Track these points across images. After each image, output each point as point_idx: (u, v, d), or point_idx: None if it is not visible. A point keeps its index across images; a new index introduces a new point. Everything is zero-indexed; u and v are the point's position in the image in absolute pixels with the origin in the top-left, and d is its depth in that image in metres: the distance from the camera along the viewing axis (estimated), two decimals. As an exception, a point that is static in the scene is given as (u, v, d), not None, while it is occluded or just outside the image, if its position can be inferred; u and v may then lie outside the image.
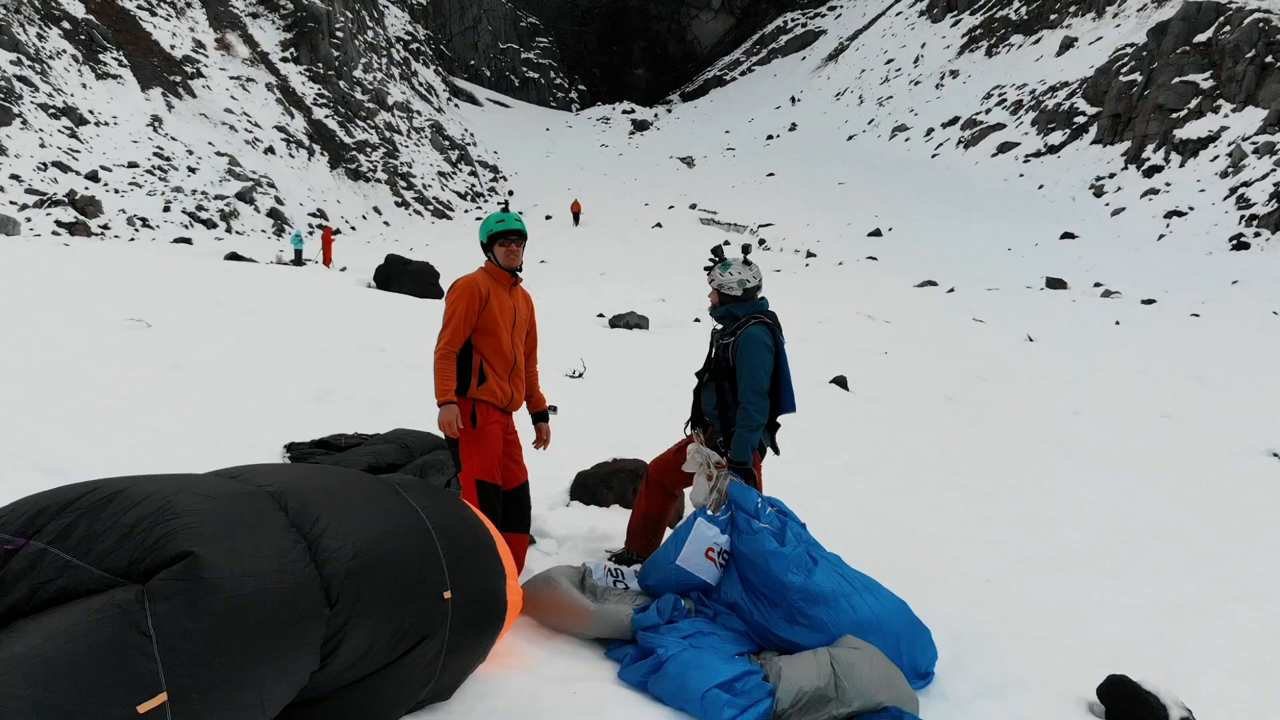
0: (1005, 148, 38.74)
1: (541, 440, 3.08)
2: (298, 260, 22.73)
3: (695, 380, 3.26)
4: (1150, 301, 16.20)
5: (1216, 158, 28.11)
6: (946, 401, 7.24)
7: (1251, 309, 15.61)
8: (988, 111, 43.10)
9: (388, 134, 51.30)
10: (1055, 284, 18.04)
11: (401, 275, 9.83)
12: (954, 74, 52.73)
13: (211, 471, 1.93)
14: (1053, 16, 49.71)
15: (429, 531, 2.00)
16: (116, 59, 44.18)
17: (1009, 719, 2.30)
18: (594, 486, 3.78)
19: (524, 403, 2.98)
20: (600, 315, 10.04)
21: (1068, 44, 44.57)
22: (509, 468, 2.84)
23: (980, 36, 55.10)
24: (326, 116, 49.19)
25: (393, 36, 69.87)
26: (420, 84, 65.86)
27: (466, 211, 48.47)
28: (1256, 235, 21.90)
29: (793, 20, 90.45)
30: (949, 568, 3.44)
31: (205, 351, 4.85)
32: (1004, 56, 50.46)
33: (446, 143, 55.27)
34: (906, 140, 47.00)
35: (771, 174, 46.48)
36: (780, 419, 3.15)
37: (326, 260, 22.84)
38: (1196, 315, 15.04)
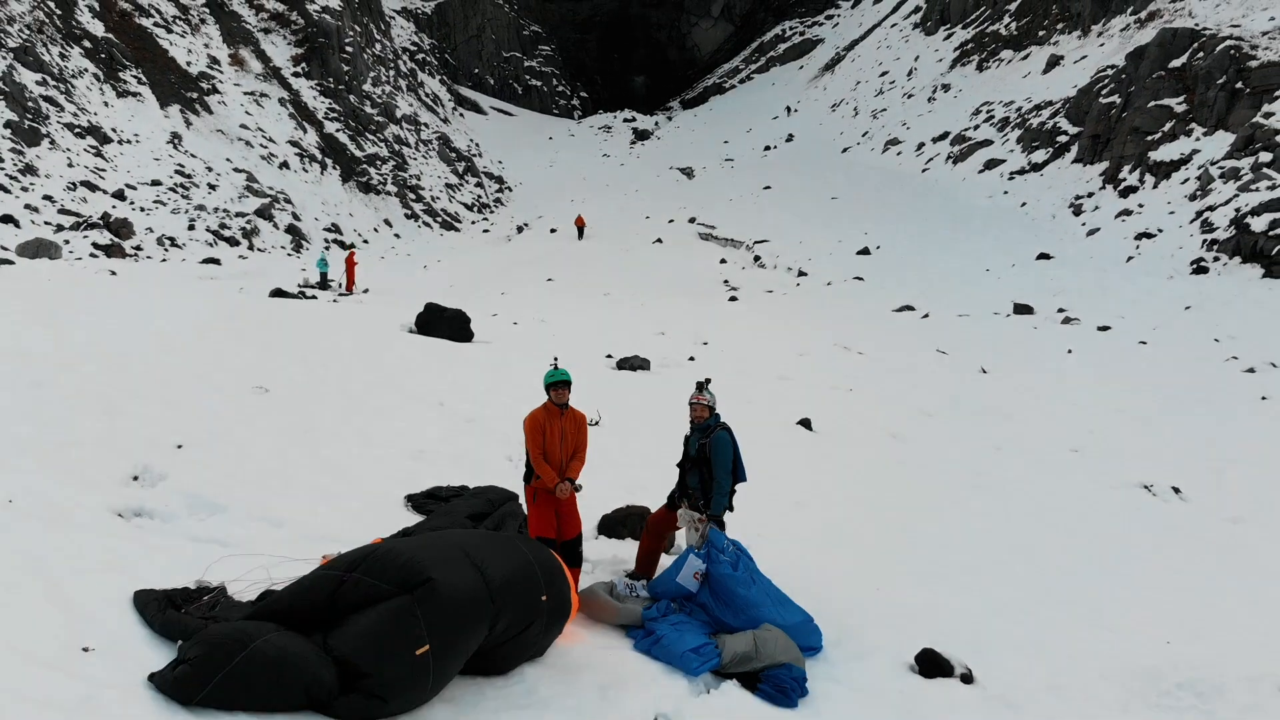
0: (991, 164, 40.33)
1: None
2: (323, 283, 24.41)
3: (681, 456, 4.90)
4: (1105, 328, 17.83)
5: (1186, 180, 29.72)
6: (891, 440, 8.88)
7: (1196, 336, 17.22)
8: (976, 128, 44.69)
9: (397, 147, 53.01)
10: (1022, 309, 19.68)
11: (439, 321, 11.46)
12: (945, 88, 54.28)
13: (425, 533, 3.59)
14: (1041, 33, 51.23)
15: (533, 564, 3.65)
16: (136, 77, 45.69)
17: (862, 673, 3.94)
18: (614, 525, 5.41)
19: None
20: (609, 356, 11.65)
21: (1054, 62, 46.14)
22: (565, 525, 4.46)
23: (972, 51, 56.58)
24: (338, 130, 50.90)
25: (399, 47, 71.50)
26: (427, 95, 67.54)
27: (474, 223, 50.16)
28: (1215, 260, 23.52)
29: (791, 29, 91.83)
30: (851, 580, 5.06)
31: (321, 415, 6.48)
32: (994, 71, 51.99)
33: (453, 154, 56.99)
34: (898, 154, 48.56)
35: (768, 187, 48.11)
36: (738, 486, 4.77)
37: (349, 284, 24.47)
38: (1144, 343, 16.67)
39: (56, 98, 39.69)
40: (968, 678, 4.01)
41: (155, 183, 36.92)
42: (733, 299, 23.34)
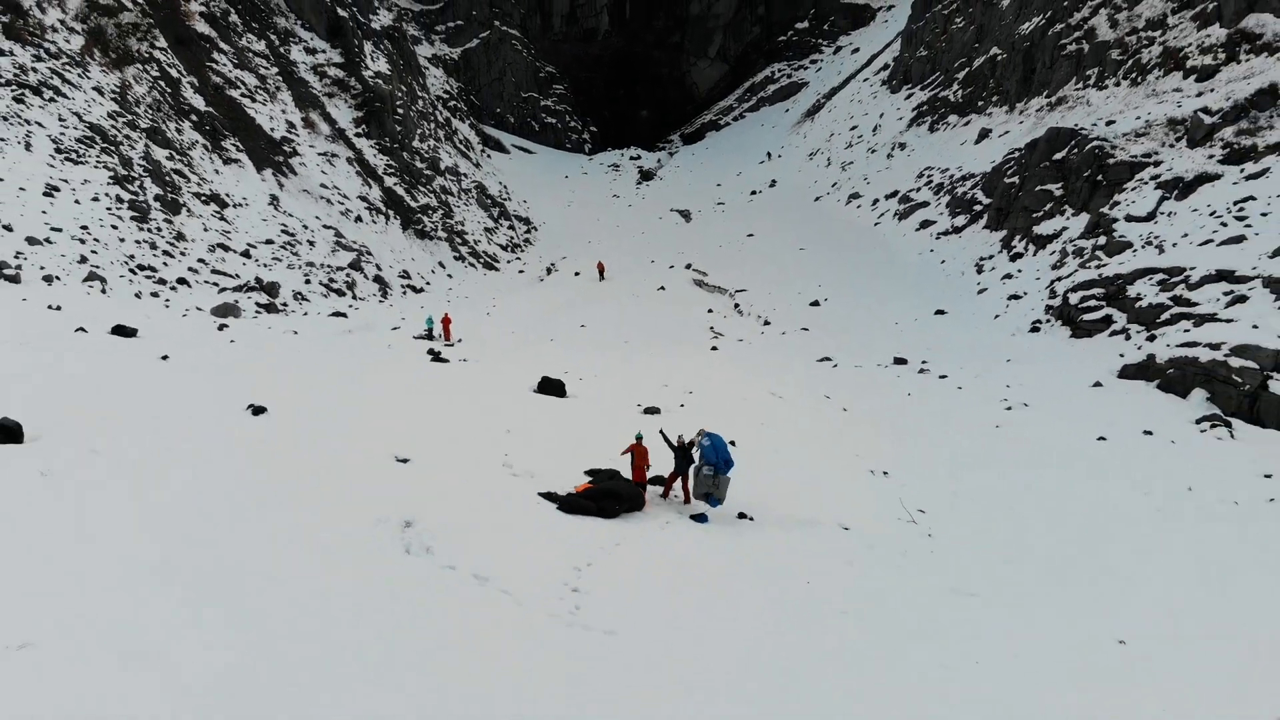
0: (925, 224, 50.66)
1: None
2: (429, 335, 34.70)
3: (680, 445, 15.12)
4: (944, 376, 28.13)
5: (1054, 253, 40.03)
6: (773, 452, 19.01)
7: (998, 383, 27.46)
8: (918, 190, 54.99)
9: (444, 196, 63.18)
10: (899, 361, 29.91)
11: (549, 386, 21.71)
12: (901, 146, 64.54)
13: (606, 480, 13.92)
14: (980, 102, 61.47)
15: (637, 490, 13.95)
16: (234, 144, 55.92)
17: (728, 517, 14.12)
18: (651, 481, 15.65)
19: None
20: (639, 405, 21.92)
21: (984, 134, 56.43)
22: (642, 477, 14.63)
23: (926, 112, 66.81)
24: (395, 184, 61.23)
25: (434, 97, 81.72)
26: (460, 141, 77.77)
27: (509, 263, 60.42)
28: (1046, 322, 33.81)
29: (779, 71, 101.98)
30: (732, 494, 15.22)
31: (538, 440, 16.65)
32: (941, 134, 62.26)
33: (489, 200, 67.28)
34: (858, 208, 58.85)
35: (751, 234, 58.41)
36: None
37: (447, 335, 34.74)
38: (961, 388, 26.99)
39: (183, 170, 49.88)
40: (751, 519, 14.15)
41: (268, 242, 47.18)
42: (714, 348, 33.65)
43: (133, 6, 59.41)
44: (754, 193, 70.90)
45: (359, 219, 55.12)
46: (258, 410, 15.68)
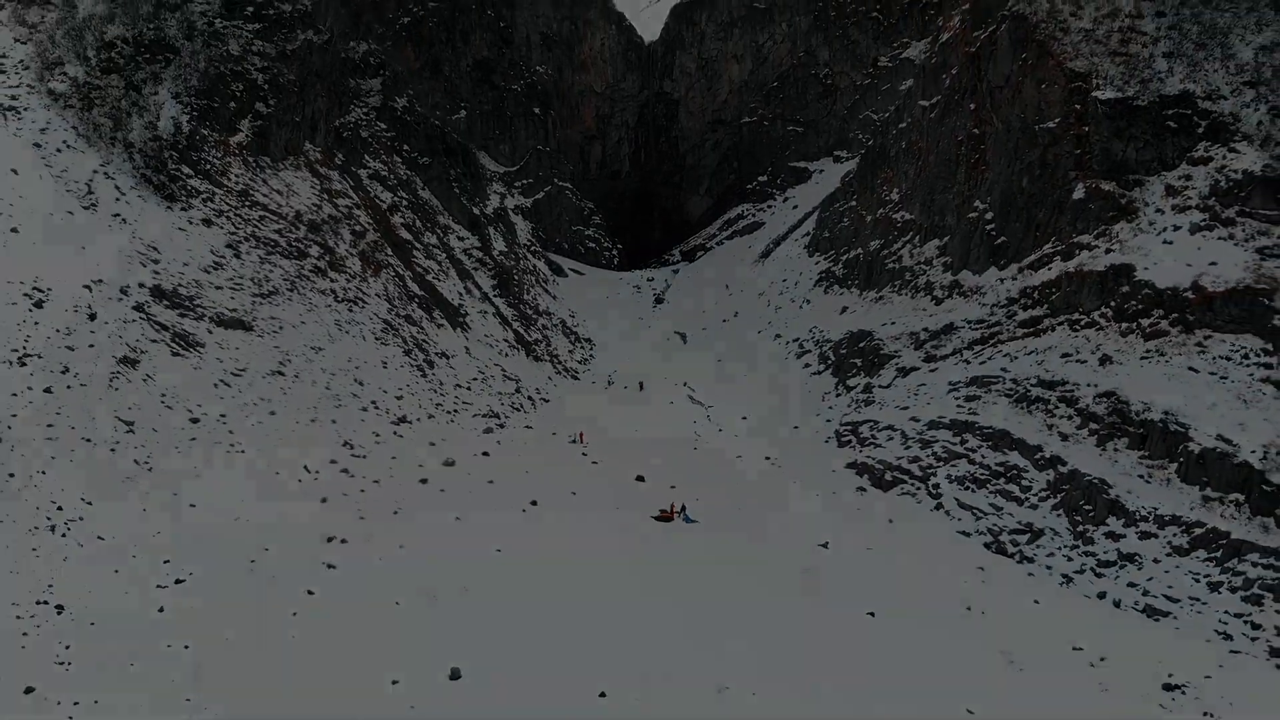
0: (807, 365, 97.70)
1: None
2: (575, 440, 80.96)
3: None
4: (778, 465, 75.19)
5: (851, 399, 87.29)
6: (709, 497, 64.99)
7: (798, 468, 75.09)
8: (807, 340, 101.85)
9: (544, 332, 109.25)
10: (767, 458, 76.68)
11: (639, 478, 68.24)
12: (808, 301, 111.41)
13: (664, 512, 61.04)
14: (850, 282, 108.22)
15: (670, 515, 61.09)
16: (438, 314, 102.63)
17: (702, 520, 60.75)
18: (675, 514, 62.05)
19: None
20: (671, 486, 68.59)
21: (844, 309, 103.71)
22: (672, 513, 61.04)
23: (825, 279, 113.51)
24: (519, 327, 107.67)
25: (523, 246, 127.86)
26: (541, 279, 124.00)
27: (584, 374, 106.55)
28: (831, 439, 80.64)
29: (747, 210, 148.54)
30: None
31: (649, 502, 63.04)
32: (829, 299, 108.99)
33: (567, 330, 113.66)
34: (778, 344, 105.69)
35: (720, 360, 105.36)
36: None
37: (582, 441, 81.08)
38: (782, 469, 74.49)
39: (425, 338, 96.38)
40: (697, 521, 60.49)
41: (474, 379, 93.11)
42: (695, 447, 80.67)
43: (367, 227, 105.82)
44: (724, 320, 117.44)
45: (507, 355, 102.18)
46: (574, 492, 63.01)
